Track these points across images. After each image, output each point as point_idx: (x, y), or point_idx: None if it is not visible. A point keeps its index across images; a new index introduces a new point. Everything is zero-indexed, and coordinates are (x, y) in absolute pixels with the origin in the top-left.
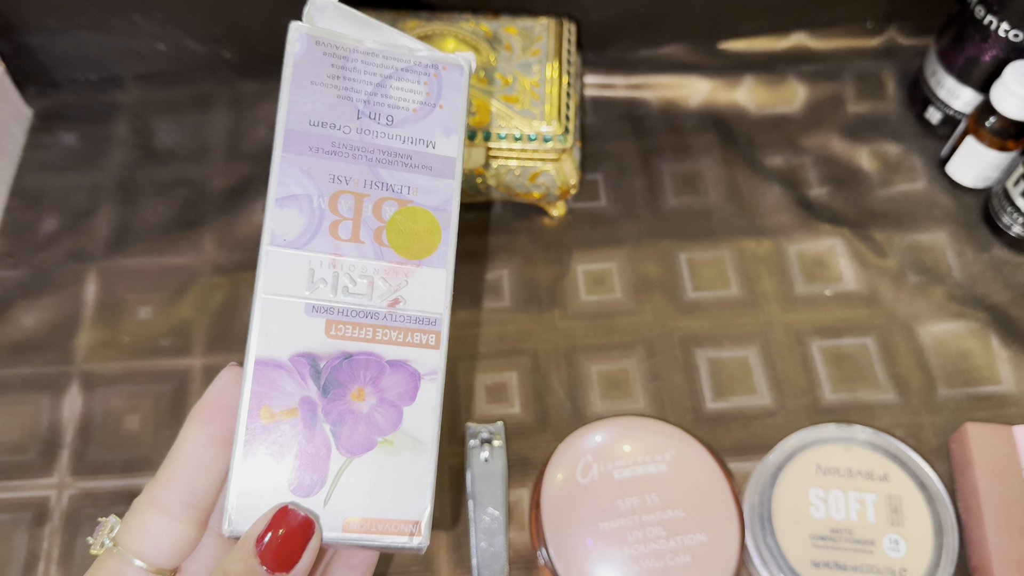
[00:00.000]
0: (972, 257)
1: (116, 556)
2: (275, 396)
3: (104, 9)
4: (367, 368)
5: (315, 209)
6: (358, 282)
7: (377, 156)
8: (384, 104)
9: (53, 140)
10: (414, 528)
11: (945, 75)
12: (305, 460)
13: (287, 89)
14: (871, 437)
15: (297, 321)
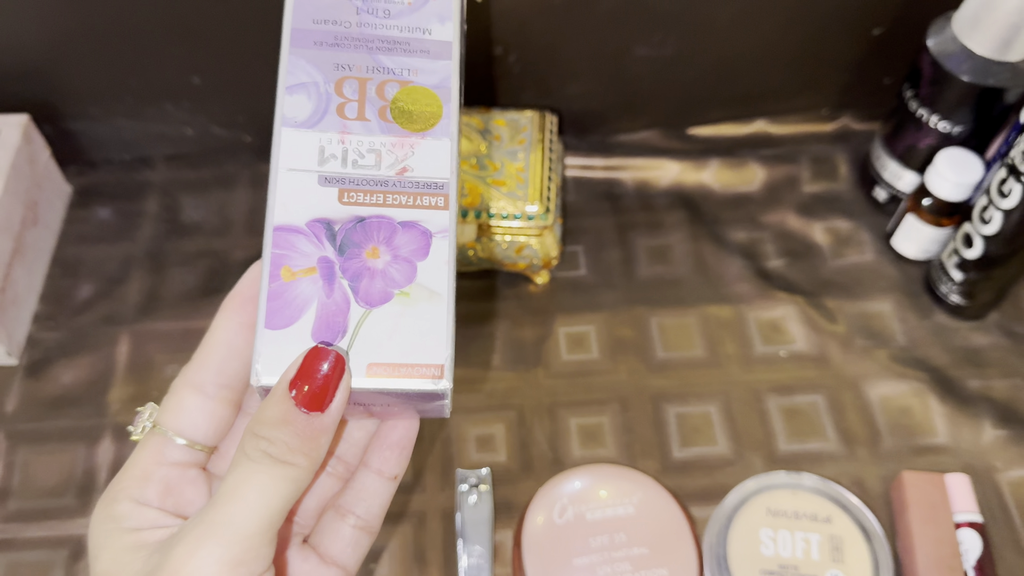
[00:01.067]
0: (914, 323)
1: (158, 435)
2: (294, 257)
3: (140, 99)
4: (380, 229)
5: (322, 94)
6: (366, 156)
7: (377, 45)
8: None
9: (90, 214)
10: (436, 371)
11: (889, 159)
12: (326, 312)
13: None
14: (816, 483)
15: (312, 191)
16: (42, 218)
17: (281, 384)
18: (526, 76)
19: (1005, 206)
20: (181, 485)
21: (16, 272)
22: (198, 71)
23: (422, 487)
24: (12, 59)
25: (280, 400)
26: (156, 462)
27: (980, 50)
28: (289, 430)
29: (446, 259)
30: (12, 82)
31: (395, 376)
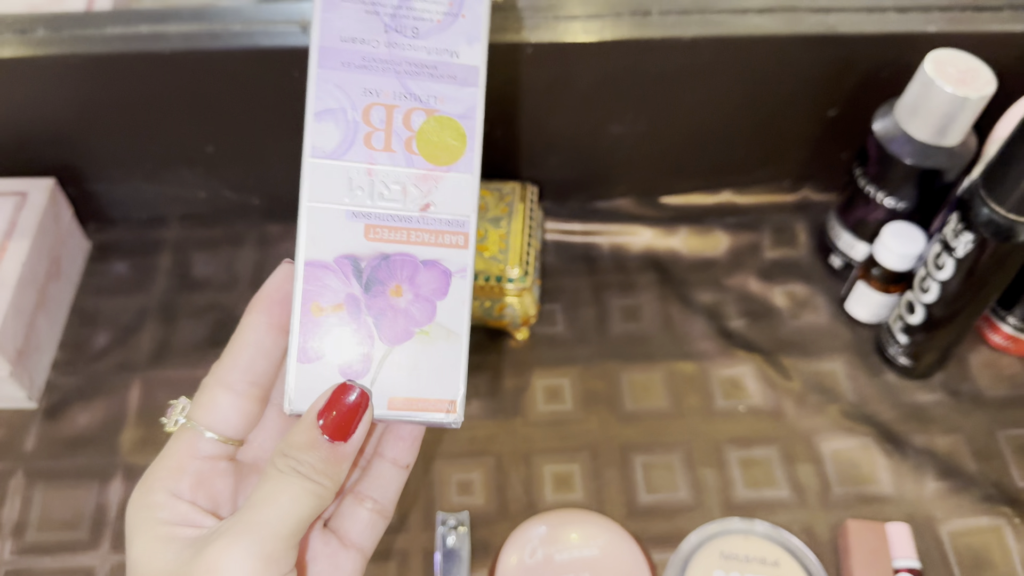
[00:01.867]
0: (864, 381)
1: (190, 430)
2: (324, 293)
3: (158, 164)
4: (403, 267)
5: (350, 122)
6: (392, 189)
7: (405, 68)
8: (409, 16)
9: (108, 268)
10: (450, 406)
11: (842, 230)
12: (352, 348)
13: (319, 7)
14: (767, 530)
15: (339, 226)
16: (64, 272)
17: (310, 413)
18: (511, 149)
19: (941, 277)
20: (212, 477)
21: (39, 322)
22: (212, 141)
23: (406, 527)
24: (42, 127)
25: (309, 428)
26: (190, 455)
27: (919, 136)
28: (316, 455)
29: (464, 299)
30: (41, 147)
31: (412, 409)
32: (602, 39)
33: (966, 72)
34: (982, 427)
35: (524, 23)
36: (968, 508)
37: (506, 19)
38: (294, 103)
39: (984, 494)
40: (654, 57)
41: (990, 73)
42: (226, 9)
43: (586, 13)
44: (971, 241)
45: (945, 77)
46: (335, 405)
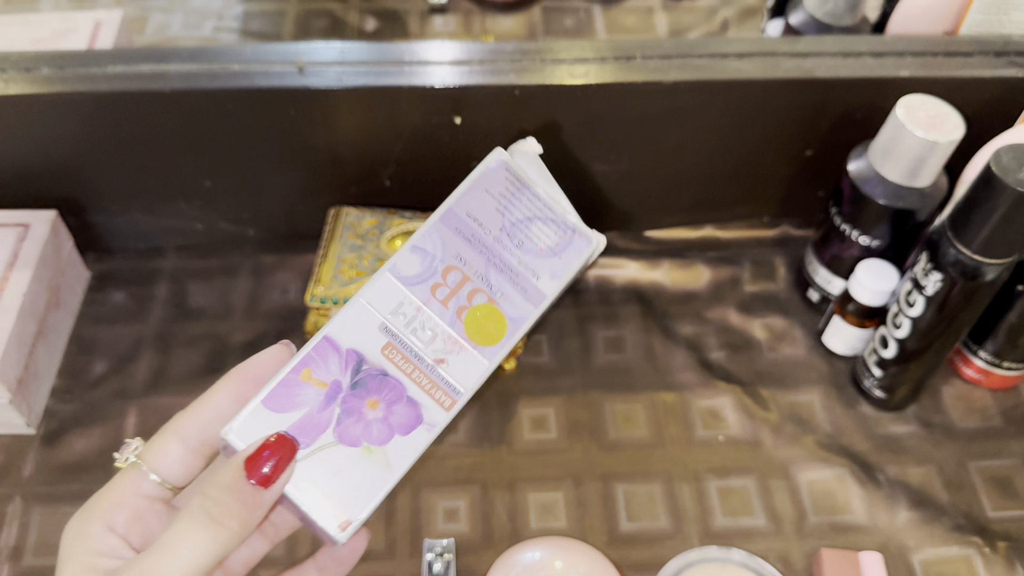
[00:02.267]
0: (840, 413)
1: (136, 469)
2: (320, 367)
3: (157, 197)
4: (392, 390)
5: (432, 268)
6: (425, 331)
7: (495, 261)
8: (523, 232)
9: (106, 298)
10: (344, 524)
11: (819, 266)
12: (308, 422)
13: (467, 184)
14: (744, 558)
15: (369, 329)
16: (63, 301)
17: (240, 456)
18: None
19: (912, 314)
20: (147, 516)
21: (38, 351)
22: (210, 175)
23: (393, 554)
24: (45, 161)
25: (236, 469)
26: (132, 492)
27: (891, 177)
28: (233, 496)
29: (418, 448)
30: (44, 180)
31: (314, 505)
32: (587, 82)
33: (936, 117)
34: (953, 458)
35: (512, 66)
36: (939, 538)
37: (495, 62)
38: (290, 140)
39: (955, 524)
40: (637, 99)
41: (959, 118)
42: (225, 49)
43: (572, 57)
44: (940, 280)
45: (916, 122)
46: (269, 450)
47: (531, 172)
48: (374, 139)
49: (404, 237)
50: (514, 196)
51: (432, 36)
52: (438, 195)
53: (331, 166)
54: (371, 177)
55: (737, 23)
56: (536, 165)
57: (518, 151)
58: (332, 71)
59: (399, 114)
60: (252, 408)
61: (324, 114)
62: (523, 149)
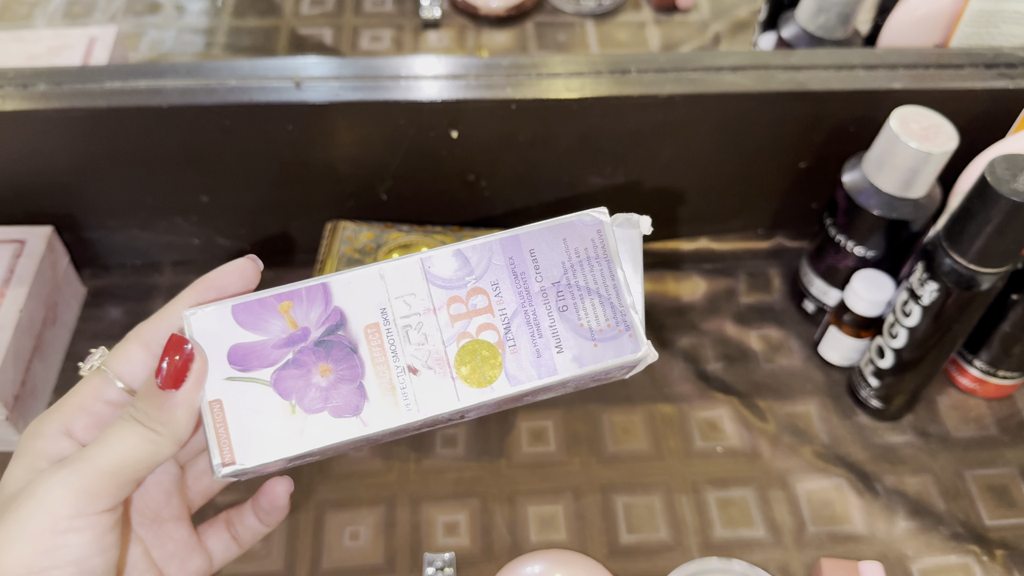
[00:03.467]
0: (837, 423)
1: (101, 375)
2: (301, 307)
3: (153, 213)
4: (349, 368)
5: (463, 281)
6: (419, 334)
7: (528, 310)
8: (574, 299)
9: (103, 314)
10: (228, 462)
11: (814, 276)
12: (258, 350)
13: (548, 223)
14: (744, 569)
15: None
16: (60, 318)
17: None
18: (495, 199)
19: (908, 324)
20: (109, 421)
21: (35, 367)
22: (207, 191)
23: (392, 568)
24: (42, 177)
25: (150, 378)
26: (94, 398)
27: (886, 188)
28: (150, 402)
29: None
30: (40, 196)
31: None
32: (583, 95)
33: (929, 128)
34: (950, 467)
35: (509, 80)
36: (938, 546)
37: (492, 76)
38: (287, 154)
39: (952, 532)
40: (632, 113)
41: (952, 129)
42: (222, 65)
43: (568, 71)
44: (936, 290)
45: (909, 133)
46: (168, 355)
47: (623, 249)
48: (371, 153)
49: (401, 251)
50: (589, 261)
51: (426, 51)
52: (435, 208)
53: (328, 181)
54: (368, 191)
55: (729, 37)
56: (633, 245)
57: (624, 221)
58: (329, 86)
59: (396, 128)
60: (219, 307)
61: (321, 129)
62: (631, 223)
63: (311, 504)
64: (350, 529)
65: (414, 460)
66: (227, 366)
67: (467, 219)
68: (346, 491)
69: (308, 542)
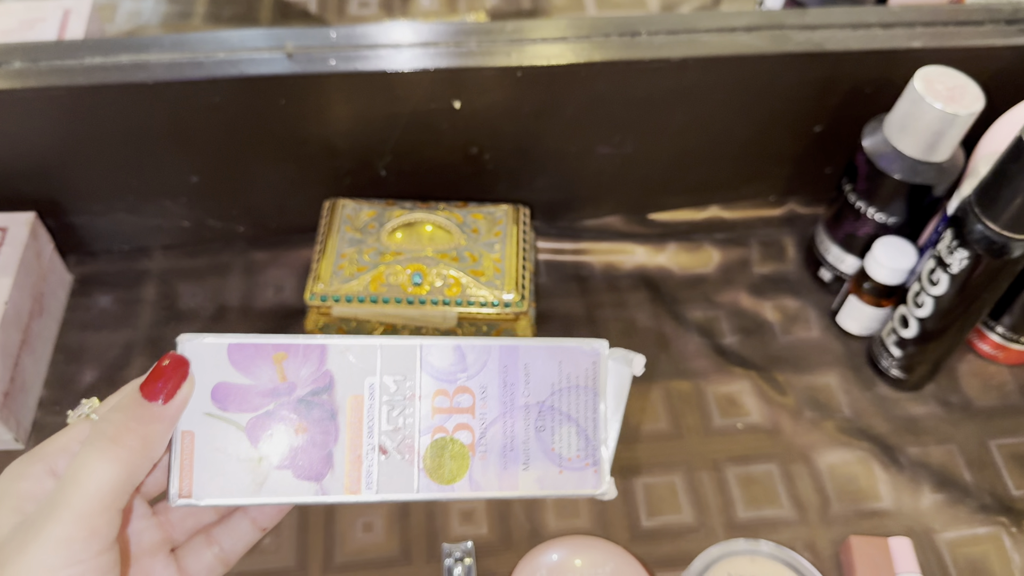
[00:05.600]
0: (858, 395)
1: (88, 420)
2: (294, 363)
3: (140, 197)
4: (323, 433)
5: (454, 377)
6: (398, 418)
7: (508, 421)
8: (553, 422)
9: (91, 302)
10: (185, 494)
11: (831, 244)
12: (243, 392)
13: (549, 342)
14: (773, 550)
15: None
16: (47, 308)
17: (135, 382)
18: (499, 172)
19: (935, 293)
20: None
21: (23, 361)
22: (196, 171)
23: (409, 560)
24: (21, 160)
25: (131, 391)
26: (79, 440)
27: (909, 151)
28: (126, 413)
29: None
30: (21, 182)
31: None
32: (591, 59)
33: (954, 89)
34: (974, 437)
35: (513, 46)
36: (965, 519)
37: (495, 42)
38: (280, 130)
39: (980, 504)
40: (642, 78)
41: (978, 89)
42: (209, 37)
43: (575, 35)
44: (966, 258)
45: (934, 94)
46: (163, 368)
47: (611, 384)
48: (368, 127)
49: (405, 229)
50: (577, 389)
51: (416, 15)
52: (437, 184)
53: (324, 157)
54: (366, 168)
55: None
56: (622, 383)
57: (620, 357)
58: (322, 56)
59: (394, 100)
60: (216, 340)
61: (315, 102)
62: (625, 360)
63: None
64: (363, 520)
65: None
66: (209, 401)
67: (471, 194)
68: None
69: (320, 535)
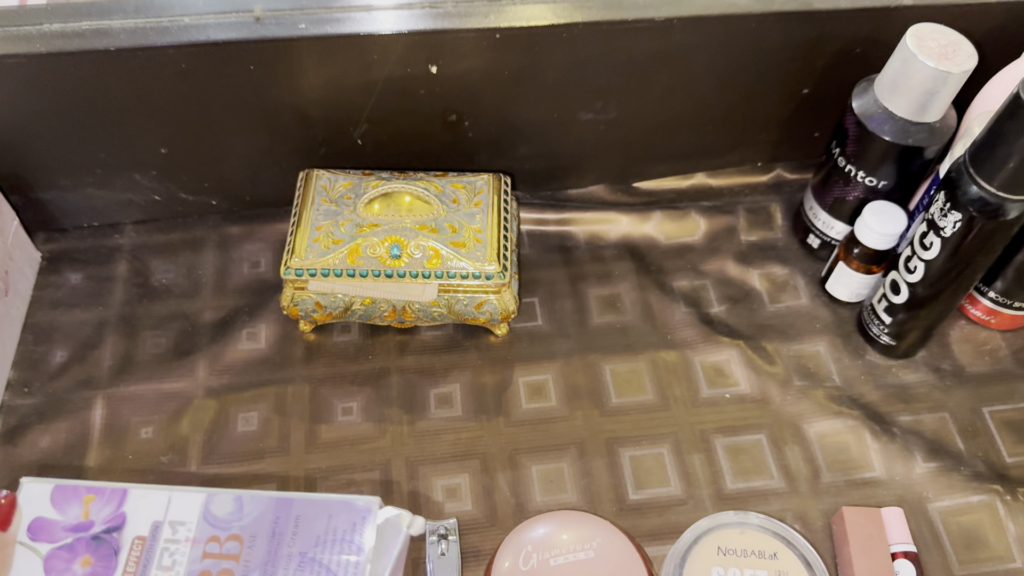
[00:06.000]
0: (848, 363)
1: None
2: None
3: (110, 170)
4: (107, 570)
5: (229, 525)
6: (170, 560)
7: (266, 568)
8: (311, 572)
9: (61, 280)
10: None
11: (819, 209)
12: (50, 527)
13: (326, 497)
14: (762, 521)
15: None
16: (14, 286)
17: None
18: (479, 140)
19: (927, 257)
20: None
21: None
22: (166, 143)
23: None
24: None
25: None
26: None
27: (900, 112)
28: None
29: None
30: None
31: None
32: (572, 20)
33: (947, 46)
34: (966, 404)
35: (491, 7)
36: (959, 487)
37: (472, 3)
38: (251, 99)
39: (973, 472)
40: (625, 39)
41: (971, 47)
42: (175, 1)
43: None
44: (959, 220)
45: (927, 52)
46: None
47: (388, 541)
48: (343, 94)
49: (383, 200)
50: (341, 543)
51: None
52: (415, 153)
53: (297, 126)
54: (341, 137)
55: None
56: (399, 542)
57: (393, 517)
58: (292, 19)
59: (369, 65)
60: (45, 484)
61: (287, 69)
62: (400, 520)
63: (300, 473)
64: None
65: (407, 422)
66: (24, 532)
67: (450, 164)
68: (336, 458)
69: None
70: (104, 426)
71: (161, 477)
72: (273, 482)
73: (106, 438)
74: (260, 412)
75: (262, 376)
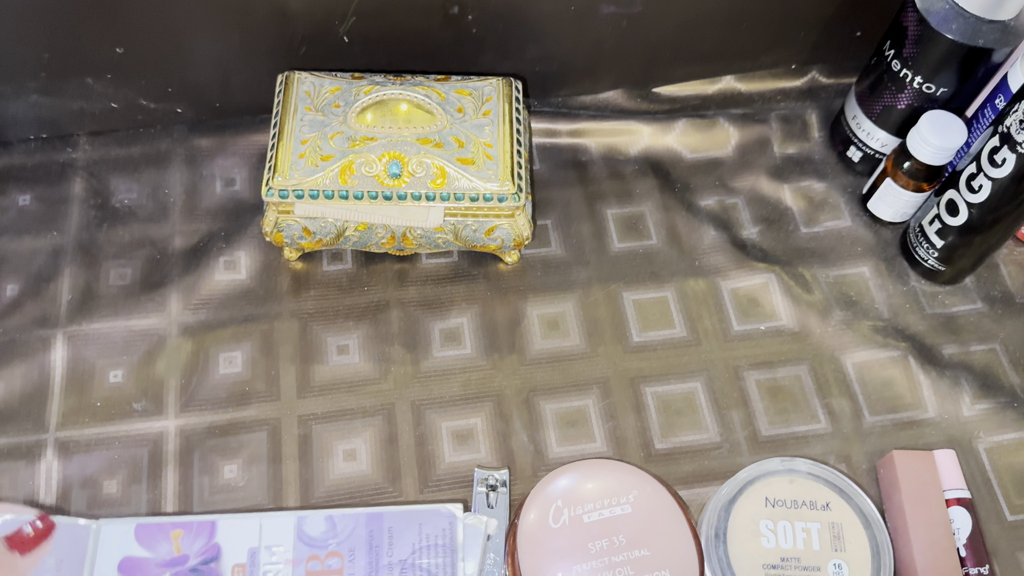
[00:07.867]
0: (892, 290)
1: None
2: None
3: (56, 74)
4: None
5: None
6: None
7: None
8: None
9: (8, 202)
10: None
11: (864, 118)
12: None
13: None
14: (812, 468)
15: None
16: None
17: None
18: (484, 37)
19: (996, 175)
20: None
21: None
22: (120, 41)
23: (399, 491)
24: None
25: None
26: None
27: (971, 7)
28: None
29: None
30: None
31: None
32: None
33: None
34: (1018, 335)
35: None
36: (1011, 426)
37: None
38: None
39: None
40: None
41: None
42: None
43: None
44: None
45: None
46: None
47: (470, 543)
48: None
49: (376, 109)
50: (436, 548)
51: None
52: (411, 53)
53: (273, 22)
54: (326, 33)
55: None
56: (479, 541)
57: (474, 521)
58: None
59: None
60: (126, 523)
61: None
62: (479, 522)
63: (293, 420)
64: (344, 448)
65: (411, 362)
66: (116, 573)
67: (451, 65)
68: (335, 403)
69: (294, 467)
70: (67, 370)
71: (136, 425)
72: (263, 429)
73: (70, 384)
74: (244, 352)
75: (244, 311)
